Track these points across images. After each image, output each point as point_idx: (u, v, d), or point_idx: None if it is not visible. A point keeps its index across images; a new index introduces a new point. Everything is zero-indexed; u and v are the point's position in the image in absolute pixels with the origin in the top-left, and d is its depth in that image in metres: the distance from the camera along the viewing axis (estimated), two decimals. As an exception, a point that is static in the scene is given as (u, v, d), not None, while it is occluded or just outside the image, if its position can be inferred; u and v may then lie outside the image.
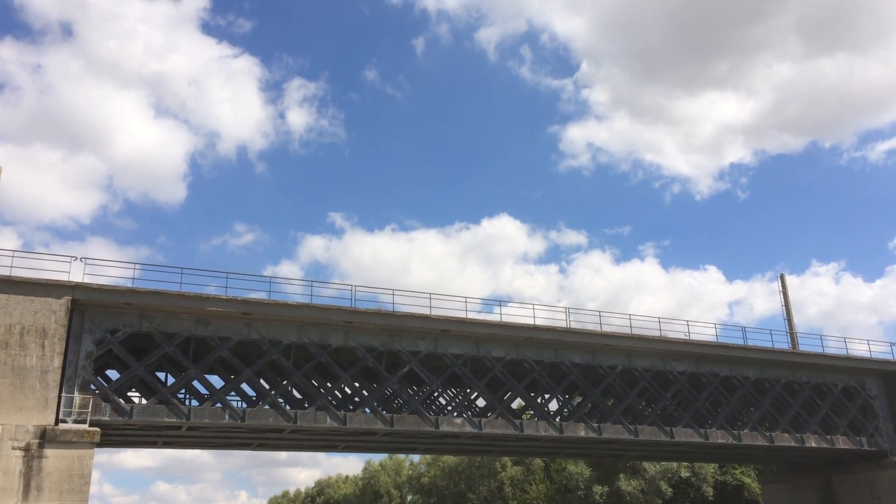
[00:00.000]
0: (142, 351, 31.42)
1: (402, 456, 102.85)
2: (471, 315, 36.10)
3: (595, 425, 37.68)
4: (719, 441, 40.17)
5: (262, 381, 34.37)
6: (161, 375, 34.53)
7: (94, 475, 28.39)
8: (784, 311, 55.97)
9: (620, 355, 39.30)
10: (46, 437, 26.71)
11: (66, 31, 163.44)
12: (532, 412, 39.00)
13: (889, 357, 46.47)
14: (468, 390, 38.53)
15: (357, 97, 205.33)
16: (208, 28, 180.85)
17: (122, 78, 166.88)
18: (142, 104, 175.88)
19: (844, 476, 46.46)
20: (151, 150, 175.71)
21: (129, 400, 32.77)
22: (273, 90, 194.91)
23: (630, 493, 61.18)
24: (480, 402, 40.79)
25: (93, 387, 29.02)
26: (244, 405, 34.34)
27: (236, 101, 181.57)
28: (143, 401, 32.83)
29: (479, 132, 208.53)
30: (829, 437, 42.92)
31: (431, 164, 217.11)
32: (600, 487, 62.88)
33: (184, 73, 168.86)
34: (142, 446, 40.32)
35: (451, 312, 35.66)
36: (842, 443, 43.18)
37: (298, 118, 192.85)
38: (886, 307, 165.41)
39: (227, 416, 31.17)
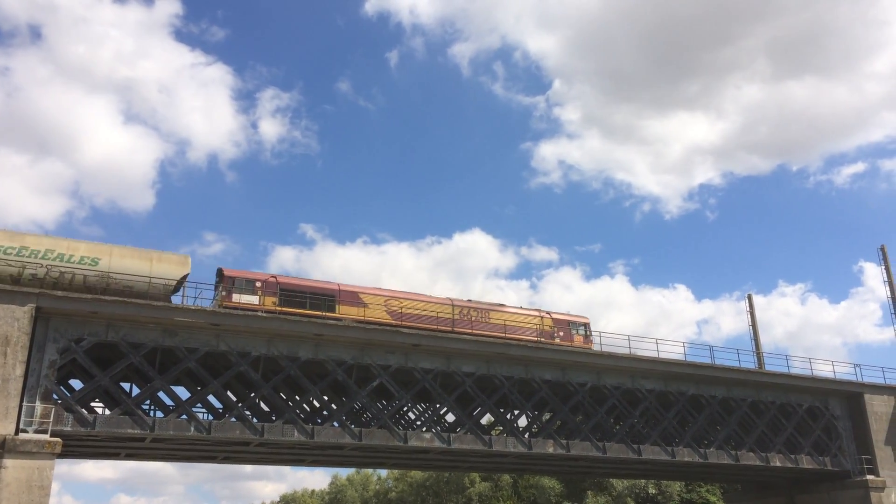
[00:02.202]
0: (107, 361, 30.90)
1: (369, 470, 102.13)
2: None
3: (563, 442, 37.75)
4: (686, 459, 40.47)
5: (229, 393, 33.96)
6: (126, 386, 33.94)
7: (54, 486, 27.81)
8: (751, 331, 56.80)
9: (590, 372, 39.47)
10: (6, 447, 26.12)
11: (35, 34, 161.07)
12: (501, 428, 38.97)
13: (853, 378, 47.20)
14: (438, 405, 38.40)
15: (331, 109, 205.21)
16: (181, 35, 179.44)
17: (92, 83, 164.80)
18: (111, 110, 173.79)
19: (808, 496, 46.98)
20: (120, 156, 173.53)
21: (92, 410, 32.24)
22: (245, 100, 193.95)
23: (597, 510, 61.37)
24: (450, 418, 40.69)
25: (55, 396, 28.46)
26: (210, 417, 33.90)
27: (208, 109, 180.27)
28: (107, 411, 32.29)
29: (452, 147, 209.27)
30: (793, 456, 43.39)
31: (404, 178, 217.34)
32: (568, 504, 63.03)
33: (154, 80, 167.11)
34: (104, 458, 39.60)
35: (422, 327, 35.64)
36: (806, 462, 43.68)
37: (271, 128, 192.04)
38: (850, 329, 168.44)
39: (192, 429, 30.74)
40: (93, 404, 33.19)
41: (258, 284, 33.65)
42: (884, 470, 44.82)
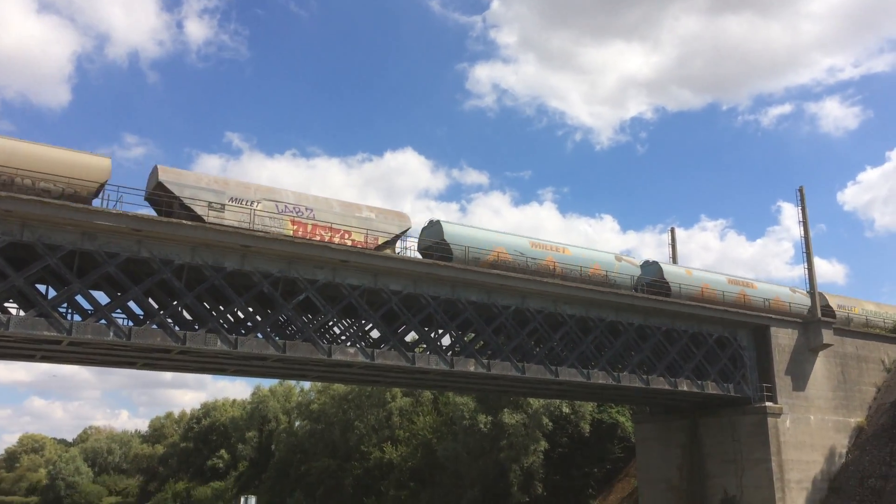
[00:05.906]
0: (21, 262, 29.80)
1: (292, 382, 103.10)
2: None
3: (485, 361, 38.69)
4: (600, 382, 42.10)
5: (150, 300, 33.38)
6: (42, 289, 32.94)
7: (-35, 388, 27.10)
8: (671, 263, 58.56)
9: (515, 296, 40.24)
10: (-89, 346, 25.22)
11: None
12: (425, 346, 39.63)
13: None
14: (363, 321, 38.69)
15: (262, 13, 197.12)
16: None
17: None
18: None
19: (710, 419, 49.76)
20: (32, 47, 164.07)
21: (6, 311, 31.27)
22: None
23: (513, 425, 63.52)
24: (375, 334, 41.10)
25: (-35, 296, 27.45)
26: (130, 324, 33.34)
27: (129, 3, 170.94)
28: (22, 313, 31.36)
29: (386, 62, 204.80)
30: (700, 382, 45.67)
31: (336, 91, 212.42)
32: (484, 417, 64.92)
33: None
34: (18, 359, 38.70)
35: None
36: (711, 388, 46.06)
37: (198, 30, 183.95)
38: (764, 265, 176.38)
39: (111, 334, 30.21)
40: (6, 305, 32.18)
41: None
42: (782, 398, 47.76)
